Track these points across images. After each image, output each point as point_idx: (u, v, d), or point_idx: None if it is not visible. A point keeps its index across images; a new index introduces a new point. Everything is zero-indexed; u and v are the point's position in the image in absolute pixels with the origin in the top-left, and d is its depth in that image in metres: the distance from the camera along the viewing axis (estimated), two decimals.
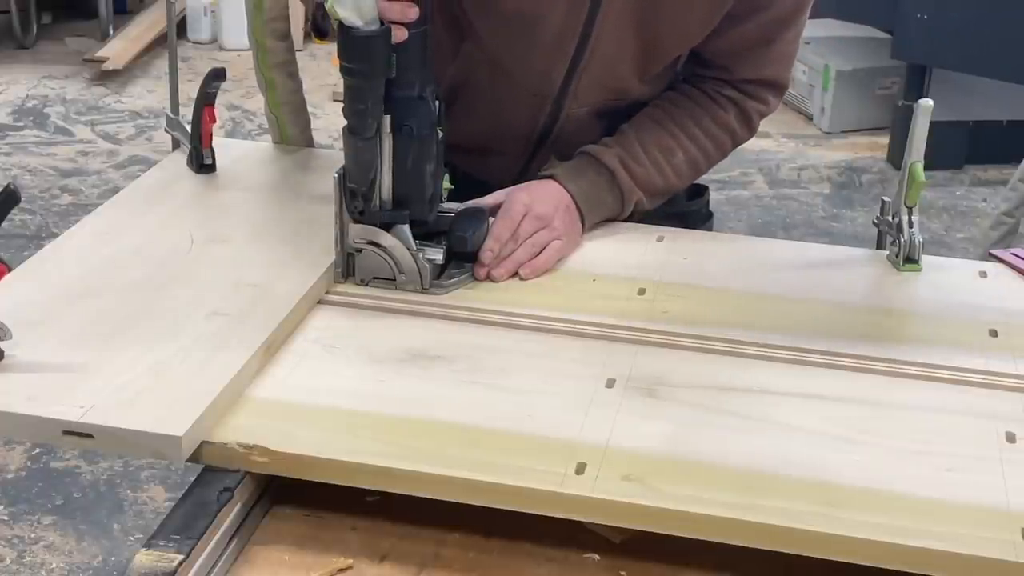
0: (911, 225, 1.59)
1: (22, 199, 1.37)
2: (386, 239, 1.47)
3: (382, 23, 1.37)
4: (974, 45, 4.35)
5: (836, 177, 4.70)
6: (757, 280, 1.56)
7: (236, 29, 5.62)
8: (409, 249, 1.47)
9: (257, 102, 4.74)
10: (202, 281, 1.45)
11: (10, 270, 1.44)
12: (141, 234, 1.56)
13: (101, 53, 5.47)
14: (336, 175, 1.45)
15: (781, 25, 1.65)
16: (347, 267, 1.50)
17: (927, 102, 1.55)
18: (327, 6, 1.36)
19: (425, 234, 1.50)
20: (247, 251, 1.53)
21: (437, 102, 1.47)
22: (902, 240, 1.59)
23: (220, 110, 1.77)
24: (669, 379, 1.33)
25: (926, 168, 1.57)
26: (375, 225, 1.47)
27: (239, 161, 1.79)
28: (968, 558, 1.08)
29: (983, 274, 1.61)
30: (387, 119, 1.43)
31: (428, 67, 1.45)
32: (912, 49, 4.55)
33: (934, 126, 1.56)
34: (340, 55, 1.39)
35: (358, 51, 1.38)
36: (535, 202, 1.57)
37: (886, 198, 1.63)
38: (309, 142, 1.86)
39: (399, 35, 1.38)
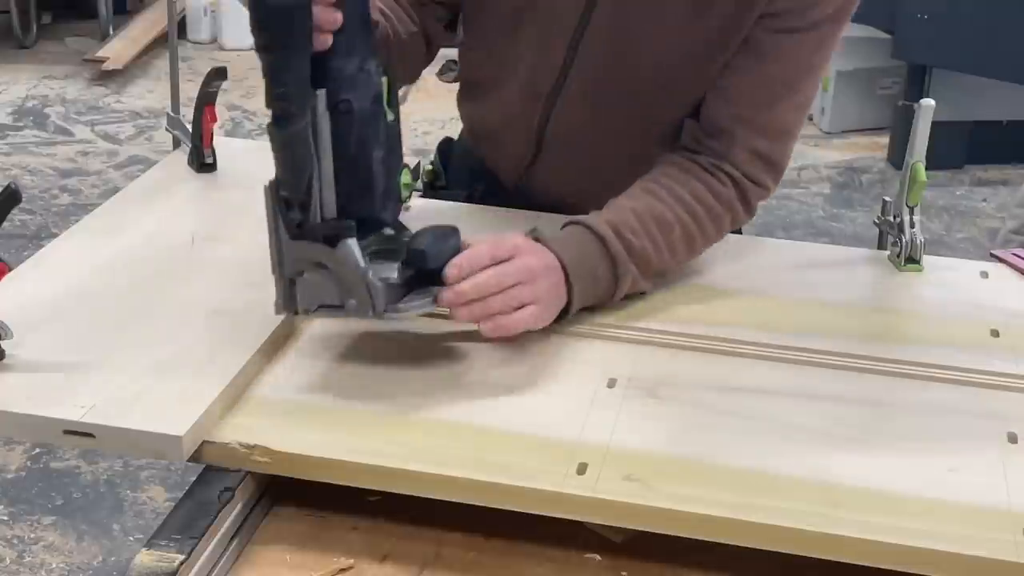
0: (912, 225, 1.59)
1: (23, 199, 1.37)
2: (329, 256, 1.23)
3: None
4: (974, 45, 4.35)
5: (836, 177, 4.70)
6: (757, 280, 1.56)
7: (236, 29, 5.63)
8: (357, 267, 1.23)
9: (257, 102, 4.74)
10: (202, 281, 1.45)
11: (10, 270, 1.43)
12: (141, 234, 1.56)
13: (101, 53, 5.47)
14: (265, 186, 1.23)
15: (785, 88, 1.51)
16: (287, 297, 1.26)
17: (929, 102, 1.55)
18: None
19: (384, 252, 1.27)
20: (247, 250, 1.53)
21: (384, 78, 1.25)
22: (903, 240, 1.59)
23: (220, 110, 1.76)
24: (670, 379, 1.32)
25: (926, 168, 1.57)
26: (316, 240, 1.23)
27: (240, 160, 1.79)
28: (969, 558, 1.08)
29: (984, 274, 1.61)
30: (322, 94, 1.21)
31: (372, 36, 1.25)
32: (912, 49, 4.55)
33: (934, 126, 1.56)
34: (252, 29, 1.18)
35: (272, 20, 1.16)
36: (527, 251, 1.37)
37: (887, 198, 1.63)
38: None
39: (335, 19, 1.20)
